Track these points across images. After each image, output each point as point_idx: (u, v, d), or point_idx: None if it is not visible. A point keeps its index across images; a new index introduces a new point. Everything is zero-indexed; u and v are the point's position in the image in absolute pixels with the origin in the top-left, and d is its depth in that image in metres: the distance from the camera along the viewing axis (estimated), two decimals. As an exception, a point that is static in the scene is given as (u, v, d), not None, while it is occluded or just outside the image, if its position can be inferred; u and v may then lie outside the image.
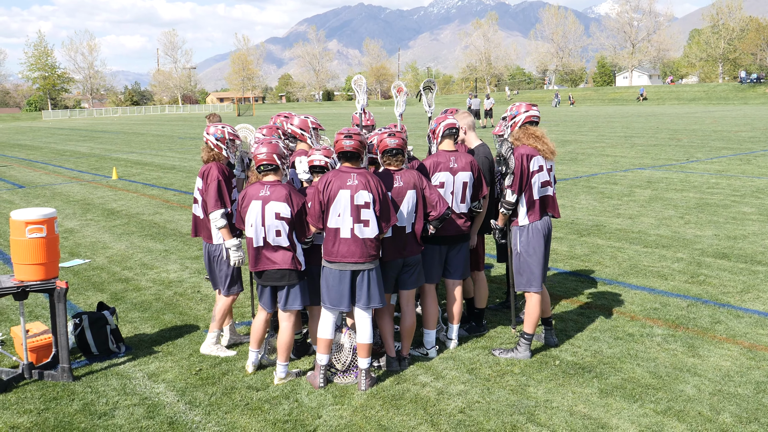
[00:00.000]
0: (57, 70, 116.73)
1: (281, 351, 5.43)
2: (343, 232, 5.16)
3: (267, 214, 5.24)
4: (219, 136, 6.02)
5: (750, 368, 5.51)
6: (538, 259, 5.80)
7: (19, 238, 5.45)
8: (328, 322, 5.38)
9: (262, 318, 5.55)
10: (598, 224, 11.04)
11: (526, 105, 5.88)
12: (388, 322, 5.64)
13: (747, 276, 8.01)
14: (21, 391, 5.42)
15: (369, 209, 5.15)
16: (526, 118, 5.83)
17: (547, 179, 5.82)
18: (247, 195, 5.35)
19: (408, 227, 5.49)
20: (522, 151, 5.73)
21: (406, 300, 5.71)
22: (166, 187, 17.07)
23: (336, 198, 5.15)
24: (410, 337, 5.73)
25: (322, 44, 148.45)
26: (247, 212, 5.32)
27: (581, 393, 5.14)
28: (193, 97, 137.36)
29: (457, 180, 5.77)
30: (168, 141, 35.30)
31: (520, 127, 5.85)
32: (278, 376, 5.45)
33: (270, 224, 5.25)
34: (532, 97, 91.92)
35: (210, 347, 6.10)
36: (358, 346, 5.33)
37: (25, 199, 15.83)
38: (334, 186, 5.17)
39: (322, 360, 5.34)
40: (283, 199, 5.24)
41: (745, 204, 12.49)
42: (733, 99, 72.44)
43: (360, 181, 5.16)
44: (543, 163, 5.78)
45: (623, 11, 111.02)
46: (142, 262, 9.46)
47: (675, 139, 27.12)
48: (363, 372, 5.29)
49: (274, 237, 5.26)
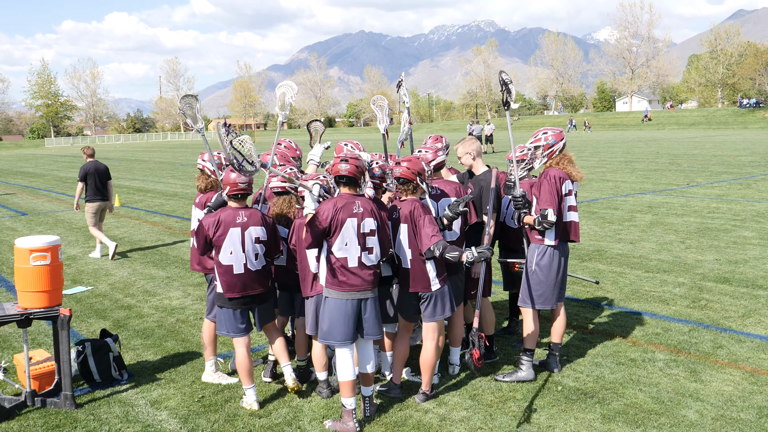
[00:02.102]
0: (60, 97, 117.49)
1: (281, 355, 5.62)
2: (350, 262, 5.04)
3: (246, 239, 5.34)
4: (217, 162, 6.09)
5: (752, 393, 5.50)
6: (553, 278, 5.85)
7: (23, 265, 5.49)
8: (347, 361, 5.12)
9: (245, 351, 5.49)
10: (600, 249, 11.06)
11: (557, 133, 5.87)
12: (402, 347, 5.58)
13: (748, 300, 8.01)
14: (24, 418, 5.42)
15: (374, 236, 5.10)
16: (563, 145, 5.88)
17: (574, 204, 5.86)
18: (222, 222, 5.31)
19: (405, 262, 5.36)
20: (554, 173, 5.75)
21: (425, 333, 5.54)
22: (169, 214, 17.13)
23: (343, 227, 5.01)
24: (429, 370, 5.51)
25: (324, 71, 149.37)
26: (224, 240, 5.30)
27: (584, 419, 5.14)
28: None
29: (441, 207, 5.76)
30: (170, 168, 35.44)
31: (558, 154, 5.87)
32: (291, 377, 5.53)
33: (249, 249, 5.35)
34: (533, 123, 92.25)
35: (211, 375, 6.10)
36: (361, 375, 5.25)
37: (27, 226, 15.88)
38: (341, 215, 5.01)
39: (350, 404, 5.06)
40: (260, 223, 5.39)
41: (746, 228, 12.51)
42: (732, 123, 72.74)
43: (365, 208, 5.09)
44: (572, 187, 5.84)
45: (622, 37, 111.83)
46: (144, 289, 9.48)
47: (675, 163, 27.21)
48: (366, 399, 5.25)
49: (253, 261, 5.38)
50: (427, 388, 5.55)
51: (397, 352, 5.60)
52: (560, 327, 6.12)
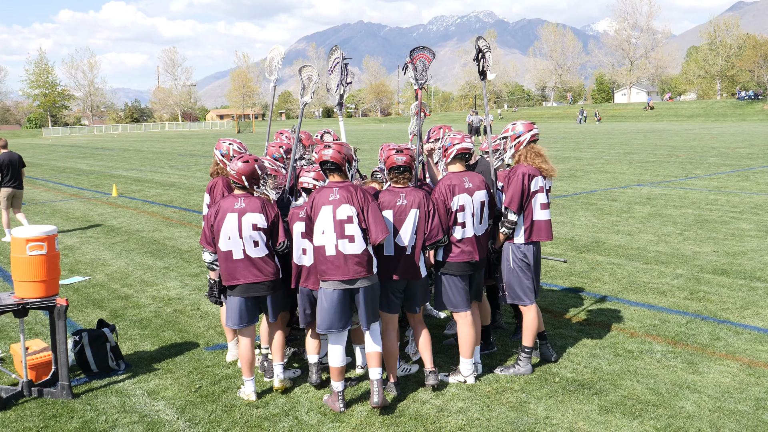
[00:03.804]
0: (57, 87, 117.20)
1: (276, 353, 5.59)
2: (328, 250, 5.06)
3: (244, 225, 5.27)
4: (224, 152, 6.11)
5: (749, 385, 5.51)
6: (531, 273, 5.83)
7: (19, 255, 5.47)
8: (336, 349, 5.25)
9: (248, 343, 5.46)
10: (598, 241, 11.06)
11: (526, 124, 5.88)
12: (391, 342, 5.49)
13: (746, 292, 8.01)
14: (20, 408, 5.41)
15: (352, 223, 5.05)
16: (531, 137, 5.84)
17: (545, 201, 5.80)
18: (221, 209, 5.35)
19: (408, 248, 5.32)
20: (523, 170, 5.70)
21: (414, 323, 5.61)
22: (166, 204, 17.10)
23: (319, 214, 5.08)
24: (428, 349, 5.54)
25: (322, 62, 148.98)
26: (222, 226, 5.31)
27: (581, 410, 5.14)
28: (193, 114, 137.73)
29: (475, 200, 5.58)
30: (168, 158, 35.39)
31: (525, 146, 5.85)
32: (278, 377, 5.53)
33: (247, 235, 5.27)
34: (532, 114, 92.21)
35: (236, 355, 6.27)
36: (368, 355, 5.25)
37: (25, 216, 15.81)
38: (317, 202, 5.11)
39: (338, 387, 5.22)
40: (259, 210, 5.30)
41: (744, 220, 12.51)
42: (731, 116, 72.74)
43: (342, 195, 5.08)
44: (543, 183, 5.78)
45: (621, 29, 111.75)
46: (141, 279, 9.47)
47: (674, 155, 27.20)
48: (374, 383, 5.15)
49: (252, 248, 5.29)
50: (432, 365, 5.53)
51: (388, 350, 5.46)
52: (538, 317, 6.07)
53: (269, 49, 6.59)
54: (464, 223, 5.53)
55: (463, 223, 5.52)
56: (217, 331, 7.14)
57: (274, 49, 6.40)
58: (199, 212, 15.42)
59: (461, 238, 5.53)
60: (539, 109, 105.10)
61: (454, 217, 5.51)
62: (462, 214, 5.52)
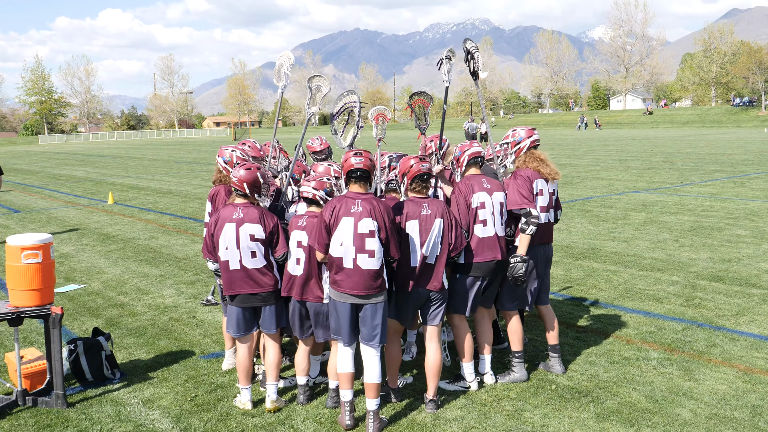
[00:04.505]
0: (54, 94, 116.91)
1: (270, 372, 5.42)
2: (345, 262, 4.92)
3: (242, 236, 5.20)
4: (227, 159, 6.12)
5: (746, 392, 5.51)
6: (531, 281, 5.84)
7: (14, 263, 5.45)
8: (345, 355, 5.10)
9: (245, 351, 5.41)
10: (594, 248, 11.06)
11: (527, 130, 5.93)
12: (394, 349, 5.44)
13: (742, 299, 8.02)
14: (14, 418, 5.39)
15: (374, 238, 4.90)
16: (531, 143, 5.88)
17: (545, 204, 5.83)
18: (220, 218, 5.31)
19: (432, 258, 5.20)
20: (522, 173, 5.75)
21: (430, 336, 5.39)
22: (162, 212, 17.07)
23: (339, 226, 4.92)
24: (436, 376, 5.35)
25: (319, 69, 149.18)
26: (221, 235, 5.27)
27: (578, 417, 5.13)
28: (190, 122, 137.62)
29: (494, 200, 5.57)
30: (164, 165, 35.35)
31: (525, 152, 5.88)
32: (270, 398, 5.41)
33: (245, 246, 5.20)
34: (527, 121, 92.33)
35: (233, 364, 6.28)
36: (365, 385, 5.04)
37: (20, 223, 15.81)
38: (337, 212, 4.93)
39: (346, 396, 5.06)
40: (257, 221, 5.22)
41: (740, 227, 12.54)
42: (726, 122, 72.96)
43: (365, 207, 4.91)
44: (544, 186, 5.81)
45: (616, 36, 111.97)
46: (137, 287, 9.44)
47: (669, 162, 27.26)
48: (371, 414, 4.99)
49: (249, 259, 5.22)
50: (434, 395, 5.37)
51: (390, 357, 5.46)
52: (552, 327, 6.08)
53: (266, 56, 6.61)
54: (485, 221, 5.50)
55: (484, 220, 5.49)
56: (213, 339, 7.12)
57: (283, 56, 6.37)
58: (195, 220, 15.40)
59: (483, 236, 5.48)
60: (535, 116, 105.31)
61: (475, 214, 5.48)
62: (483, 212, 5.49)
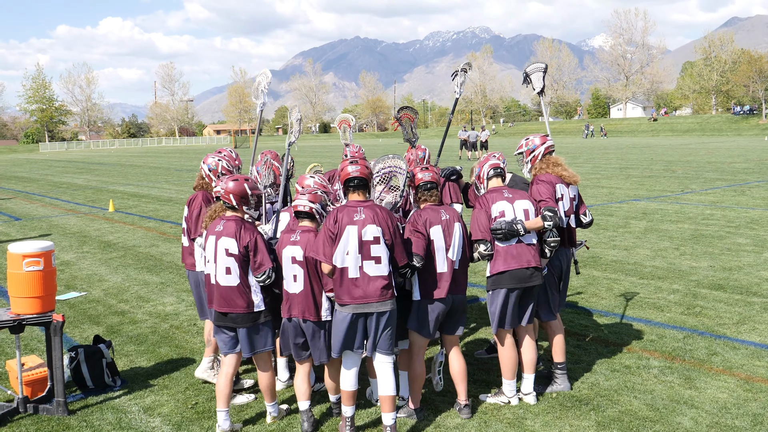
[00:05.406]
0: (55, 102, 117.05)
1: (266, 394, 5.29)
2: (351, 272, 4.78)
3: (219, 249, 5.01)
4: (212, 167, 6.08)
5: (747, 400, 5.50)
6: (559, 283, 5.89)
7: (16, 271, 5.46)
8: (345, 372, 4.98)
9: (224, 371, 5.19)
10: (594, 256, 11.07)
11: (540, 137, 5.93)
12: (420, 366, 5.27)
13: (743, 307, 8.02)
14: (16, 425, 5.39)
15: (379, 244, 4.80)
16: (545, 149, 5.89)
17: (566, 209, 5.79)
18: (208, 230, 5.19)
19: (457, 263, 5.16)
20: (543, 177, 5.72)
21: (450, 344, 5.39)
22: (163, 220, 17.09)
23: (343, 235, 4.78)
24: (464, 380, 5.32)
25: (319, 77, 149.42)
26: (206, 247, 5.15)
27: (578, 426, 5.13)
28: (190, 130, 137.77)
29: (517, 208, 5.41)
30: (165, 173, 35.39)
31: (541, 159, 5.89)
32: (270, 415, 5.34)
33: (221, 261, 5.00)
34: (528, 129, 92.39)
35: (205, 372, 6.08)
36: (380, 398, 4.93)
37: (21, 231, 15.83)
38: (341, 222, 4.80)
39: (347, 412, 4.96)
40: (232, 235, 4.97)
41: (740, 235, 12.54)
42: (726, 130, 73.06)
43: (367, 215, 4.81)
44: (565, 191, 5.78)
45: (617, 44, 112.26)
46: (138, 294, 9.45)
47: (670, 170, 27.29)
48: (387, 429, 4.88)
49: (224, 275, 5.00)
50: (467, 398, 5.35)
51: (415, 374, 5.27)
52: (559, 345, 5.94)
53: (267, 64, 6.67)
54: None
55: None
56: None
57: (261, 74, 6.41)
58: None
59: (504, 245, 5.35)
60: (535, 124, 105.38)
61: None
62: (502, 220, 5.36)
